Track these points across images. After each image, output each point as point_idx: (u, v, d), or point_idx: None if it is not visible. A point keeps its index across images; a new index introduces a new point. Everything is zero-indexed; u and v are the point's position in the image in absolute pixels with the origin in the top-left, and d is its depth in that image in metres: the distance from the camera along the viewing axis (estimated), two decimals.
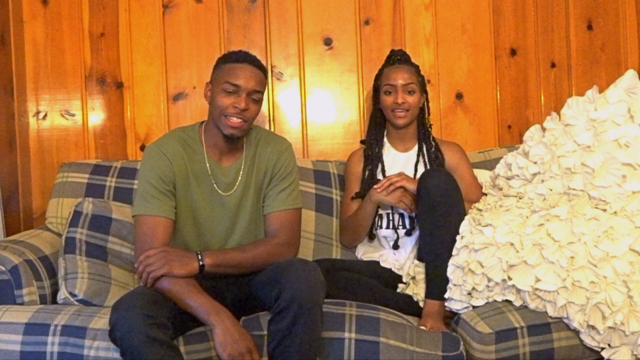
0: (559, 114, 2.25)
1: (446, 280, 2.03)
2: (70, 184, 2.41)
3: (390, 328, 1.89)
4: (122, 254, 2.22)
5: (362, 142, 2.53)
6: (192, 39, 2.71)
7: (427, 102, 2.45)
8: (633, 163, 2.04)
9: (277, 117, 2.75)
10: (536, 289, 1.89)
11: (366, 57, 2.77)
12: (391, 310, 2.00)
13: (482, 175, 2.44)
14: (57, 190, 2.41)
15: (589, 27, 2.88)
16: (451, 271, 2.02)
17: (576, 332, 1.88)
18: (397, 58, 2.41)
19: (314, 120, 2.77)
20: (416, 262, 2.20)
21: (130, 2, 2.69)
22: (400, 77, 2.34)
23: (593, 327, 1.85)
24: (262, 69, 2.02)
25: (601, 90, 2.21)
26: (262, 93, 2.01)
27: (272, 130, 2.72)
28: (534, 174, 2.20)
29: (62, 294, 2.05)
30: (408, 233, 2.30)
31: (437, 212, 2.06)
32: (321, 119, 2.77)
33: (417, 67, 2.42)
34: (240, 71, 1.97)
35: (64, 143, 2.69)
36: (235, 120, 1.95)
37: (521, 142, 2.36)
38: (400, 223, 2.32)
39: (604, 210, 2.01)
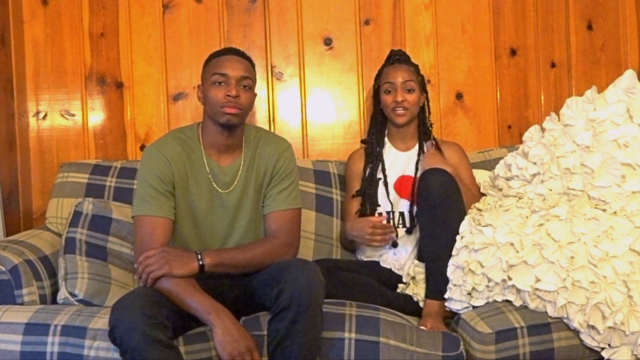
0: (558, 114, 2.25)
1: (446, 280, 2.03)
2: (70, 184, 2.41)
3: (390, 328, 1.89)
4: (122, 254, 2.22)
5: (362, 141, 2.53)
6: (192, 39, 2.72)
7: (428, 101, 2.45)
8: (632, 163, 2.04)
9: (277, 117, 2.75)
10: (536, 289, 1.89)
11: (366, 57, 2.77)
12: (391, 310, 2.00)
13: (481, 176, 2.44)
14: (57, 190, 2.41)
15: (589, 27, 2.88)
16: (451, 271, 2.02)
17: (576, 332, 1.89)
18: (397, 58, 2.42)
19: (314, 120, 2.77)
20: (416, 262, 2.20)
21: (130, 2, 2.69)
22: (399, 76, 2.34)
23: (593, 327, 1.85)
24: (248, 59, 2.05)
25: (601, 91, 2.21)
26: (252, 81, 2.03)
27: (272, 130, 2.72)
28: (534, 175, 2.20)
29: (62, 294, 2.05)
30: (408, 231, 2.30)
31: (437, 212, 2.06)
32: (321, 119, 2.77)
33: (416, 67, 2.42)
34: (226, 61, 2.00)
35: (64, 143, 2.69)
36: (229, 108, 1.95)
37: (521, 142, 2.36)
38: (401, 222, 2.32)
39: (604, 210, 2.01)
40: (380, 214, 2.30)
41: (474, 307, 1.99)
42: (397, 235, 2.30)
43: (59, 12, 2.68)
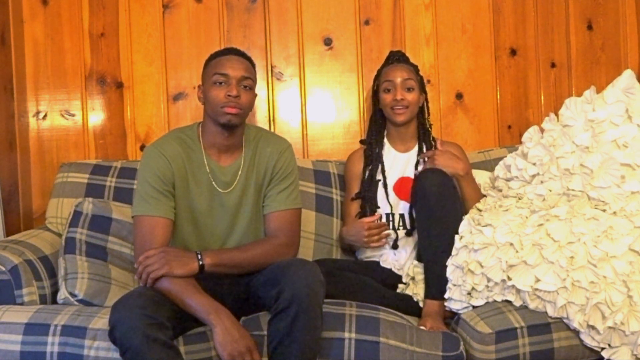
0: (558, 114, 2.25)
1: (445, 280, 2.03)
2: (70, 184, 2.41)
3: (390, 328, 1.89)
4: (122, 254, 2.22)
5: (361, 142, 2.53)
6: (192, 39, 2.72)
7: (427, 102, 2.45)
8: (632, 163, 2.04)
9: (277, 117, 2.75)
10: (536, 289, 1.89)
11: (366, 57, 2.77)
12: (391, 310, 2.00)
13: (481, 176, 2.44)
14: (57, 190, 2.41)
15: (589, 27, 2.89)
16: (451, 271, 2.02)
17: (576, 332, 1.89)
18: (396, 58, 2.42)
19: (314, 120, 2.77)
20: (415, 262, 2.20)
21: (130, 2, 2.69)
22: (399, 75, 2.34)
23: (593, 327, 1.85)
24: (248, 59, 2.05)
25: (601, 91, 2.21)
26: (253, 81, 2.03)
27: (272, 130, 2.72)
28: (533, 176, 2.20)
29: (62, 294, 2.05)
30: (408, 233, 2.30)
31: (434, 212, 2.07)
32: (321, 119, 2.77)
33: (415, 67, 2.42)
34: (227, 61, 2.00)
35: (64, 143, 2.69)
36: (230, 109, 1.96)
37: (521, 142, 2.36)
38: (401, 224, 2.32)
39: (604, 210, 2.01)
40: (374, 213, 2.30)
41: (473, 307, 1.99)
42: (397, 238, 2.30)
43: (59, 12, 2.68)
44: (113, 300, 1.76)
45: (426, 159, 2.29)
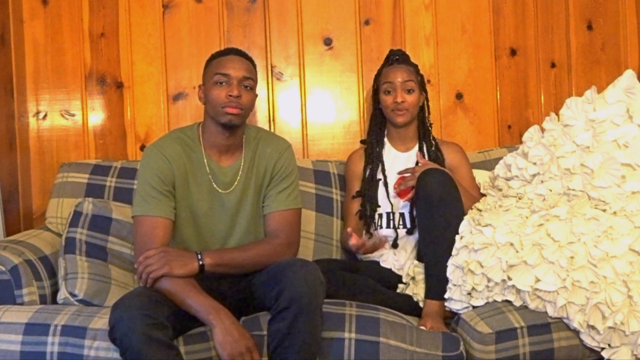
0: (558, 114, 2.25)
1: (445, 281, 2.03)
2: (70, 184, 2.41)
3: (390, 328, 1.89)
4: (122, 254, 2.22)
5: (362, 142, 2.53)
6: (192, 39, 2.72)
7: (427, 101, 2.45)
8: (632, 163, 2.04)
9: (277, 117, 2.75)
10: (536, 289, 1.89)
11: (366, 57, 2.77)
12: (391, 310, 2.00)
13: (481, 176, 2.44)
14: (57, 190, 2.41)
15: (589, 27, 2.89)
16: (451, 271, 2.02)
17: (576, 332, 1.89)
18: (396, 58, 2.42)
19: (314, 120, 2.77)
20: (415, 262, 2.20)
21: (130, 2, 2.69)
22: (399, 76, 2.34)
23: (593, 327, 1.85)
24: (249, 59, 2.06)
25: (601, 91, 2.21)
26: (254, 81, 2.03)
27: (272, 130, 2.72)
28: (534, 175, 2.20)
29: (62, 294, 2.05)
30: (409, 232, 2.30)
31: (436, 212, 2.06)
32: (321, 119, 2.77)
33: (415, 67, 2.42)
34: (228, 62, 2.00)
35: (64, 143, 2.69)
36: (231, 109, 1.96)
37: (521, 142, 2.36)
38: (401, 222, 2.32)
39: (604, 210, 2.01)
40: (375, 211, 2.31)
41: (473, 307, 1.99)
42: (397, 236, 2.30)
43: (59, 12, 2.68)
44: (113, 300, 1.76)
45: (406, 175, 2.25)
